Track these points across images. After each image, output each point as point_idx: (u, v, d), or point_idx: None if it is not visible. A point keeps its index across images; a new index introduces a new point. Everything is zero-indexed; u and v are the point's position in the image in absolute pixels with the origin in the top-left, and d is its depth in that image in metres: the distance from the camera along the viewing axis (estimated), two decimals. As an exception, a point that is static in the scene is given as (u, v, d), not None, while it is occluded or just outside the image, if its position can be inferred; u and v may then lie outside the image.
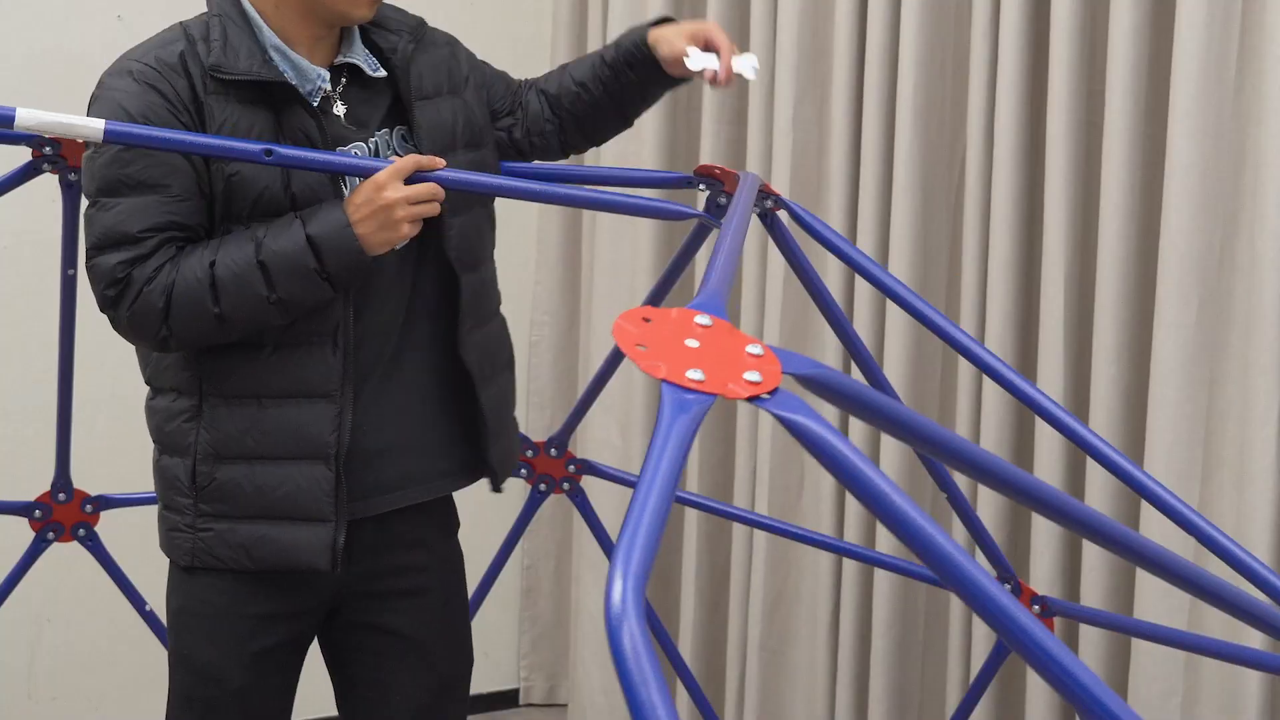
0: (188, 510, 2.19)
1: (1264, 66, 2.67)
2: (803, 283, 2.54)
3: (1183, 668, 2.85)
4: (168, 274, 2.07)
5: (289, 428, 2.16)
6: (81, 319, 2.81)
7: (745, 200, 2.00)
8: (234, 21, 2.13)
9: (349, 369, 2.17)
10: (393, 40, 2.25)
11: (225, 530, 2.18)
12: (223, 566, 2.20)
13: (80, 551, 2.95)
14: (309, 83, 2.16)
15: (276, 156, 2.06)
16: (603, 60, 2.36)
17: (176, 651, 2.29)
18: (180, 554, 2.22)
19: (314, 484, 2.16)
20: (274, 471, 2.16)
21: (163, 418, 2.22)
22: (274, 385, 2.16)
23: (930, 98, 3.22)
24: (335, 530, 2.18)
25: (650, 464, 1.14)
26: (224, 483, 2.17)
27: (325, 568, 2.19)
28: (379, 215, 2.08)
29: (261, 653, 2.25)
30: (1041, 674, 1.10)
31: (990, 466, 1.36)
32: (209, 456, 2.17)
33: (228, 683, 2.24)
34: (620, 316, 1.28)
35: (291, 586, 2.24)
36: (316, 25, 2.17)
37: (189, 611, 2.25)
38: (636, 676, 0.99)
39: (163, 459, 2.23)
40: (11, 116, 2.07)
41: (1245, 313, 2.73)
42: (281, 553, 2.18)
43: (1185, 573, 1.69)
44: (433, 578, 2.36)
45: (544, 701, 4.33)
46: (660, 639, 3.22)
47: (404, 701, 2.34)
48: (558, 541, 4.25)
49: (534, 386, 4.17)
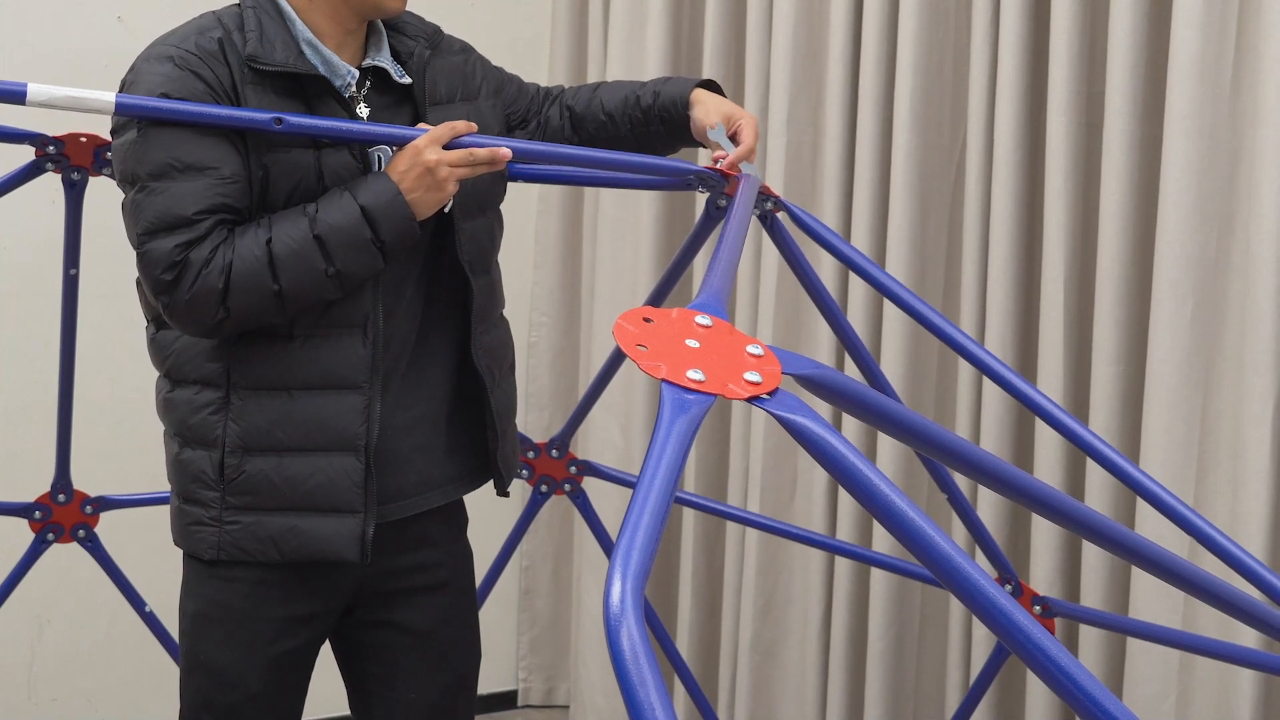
0: (213, 504, 2.17)
1: (1260, 68, 2.67)
2: (803, 284, 2.54)
3: (1177, 669, 2.85)
4: (224, 254, 2.06)
5: (319, 419, 2.16)
6: (82, 320, 2.81)
7: (746, 202, 2.01)
8: (269, 13, 2.14)
9: (378, 360, 2.18)
10: (410, 46, 2.26)
11: (253, 523, 2.16)
12: (249, 559, 2.17)
13: (80, 552, 2.96)
14: (339, 78, 2.17)
15: (287, 125, 2.07)
16: (638, 101, 2.38)
17: (193, 655, 2.24)
18: (204, 548, 2.19)
19: (344, 475, 2.17)
20: (304, 463, 2.16)
21: (185, 410, 2.19)
22: (304, 376, 2.16)
23: (929, 97, 3.23)
24: (364, 521, 2.18)
25: (650, 465, 1.14)
26: (253, 475, 2.16)
27: (354, 559, 2.18)
28: (425, 178, 2.10)
29: (281, 655, 2.24)
30: (1041, 675, 1.10)
31: (988, 466, 1.37)
32: (237, 449, 2.16)
33: (247, 687, 2.23)
34: (621, 316, 1.28)
35: (313, 586, 2.24)
36: (349, 19, 2.18)
37: (207, 615, 2.22)
38: (635, 678, 0.99)
39: (184, 452, 2.19)
40: (23, 92, 2.08)
41: (1240, 313, 2.74)
42: (311, 544, 2.17)
43: (1181, 571, 1.70)
44: (447, 574, 2.37)
45: (542, 703, 4.32)
46: (660, 639, 3.22)
47: (419, 698, 2.34)
48: (557, 543, 4.25)
49: (532, 388, 4.17)
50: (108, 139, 2.60)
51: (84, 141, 2.58)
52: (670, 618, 3.92)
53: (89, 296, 3.42)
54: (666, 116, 2.36)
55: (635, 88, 2.41)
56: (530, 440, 3.10)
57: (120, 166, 2.11)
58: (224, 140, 2.08)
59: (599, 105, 2.41)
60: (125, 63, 2.16)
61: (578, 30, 4.08)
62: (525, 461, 3.09)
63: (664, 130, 2.37)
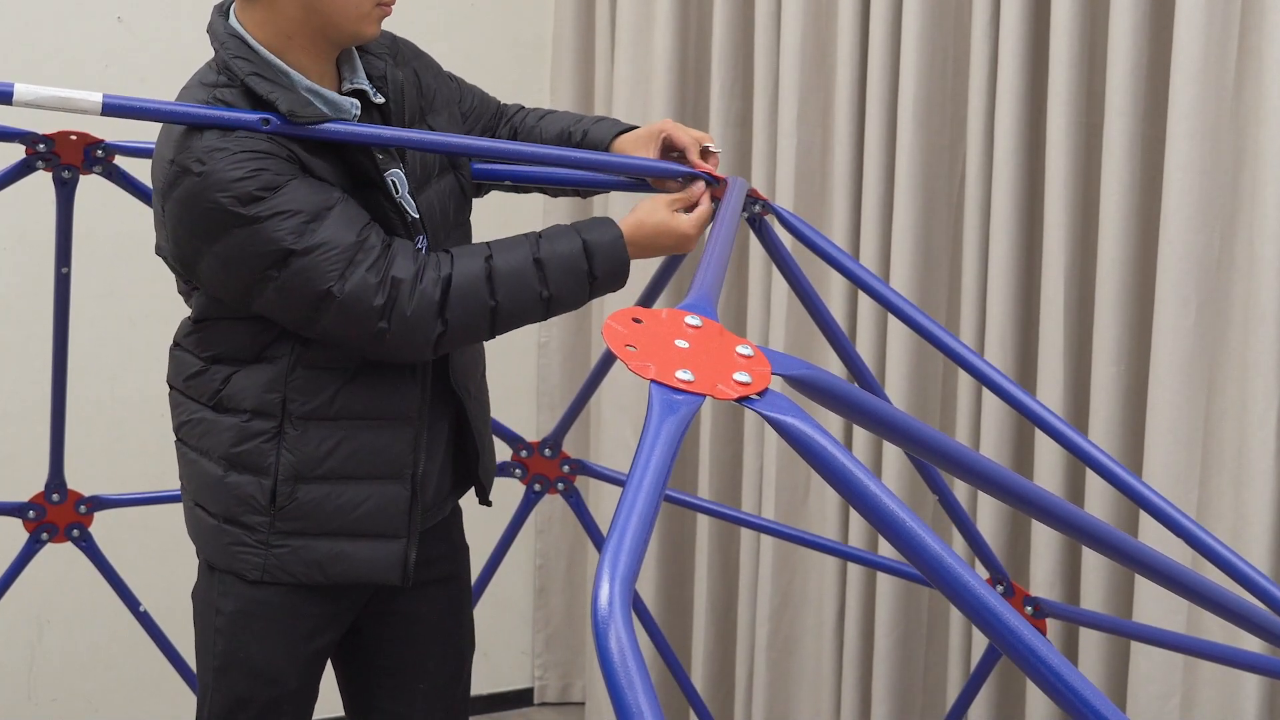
0: (261, 528, 2.21)
1: (1263, 68, 2.66)
2: (790, 286, 2.56)
3: (1181, 670, 2.84)
4: (435, 268, 2.10)
5: (371, 449, 2.21)
6: (80, 319, 2.81)
7: (734, 204, 2.02)
8: (265, 77, 2.11)
9: (426, 394, 2.25)
10: (380, 66, 2.26)
11: (300, 546, 2.21)
12: (294, 581, 2.23)
13: (80, 553, 2.96)
14: (345, 115, 2.18)
15: (273, 125, 2.06)
16: (569, 137, 2.42)
17: (230, 654, 2.27)
18: (249, 569, 2.22)
19: (392, 502, 2.23)
20: (355, 490, 2.22)
21: (234, 438, 2.20)
22: (359, 409, 2.20)
23: (931, 98, 3.22)
24: (407, 546, 2.26)
25: (638, 466, 1.14)
26: (304, 502, 2.20)
27: (397, 582, 2.26)
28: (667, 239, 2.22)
29: (317, 651, 2.30)
30: (1029, 674, 1.09)
31: (978, 467, 1.36)
32: (290, 477, 2.19)
33: (287, 683, 2.28)
34: (610, 317, 1.28)
35: (350, 586, 2.29)
36: (327, 51, 2.17)
37: (248, 614, 2.25)
38: (623, 679, 0.99)
39: (230, 476, 2.21)
40: (10, 92, 2.08)
41: (1244, 314, 2.73)
42: (356, 568, 2.24)
43: (1183, 579, 1.69)
44: (455, 566, 2.45)
45: (558, 700, 4.36)
46: (658, 644, 3.22)
47: (428, 687, 2.41)
48: (570, 540, 4.28)
49: (543, 388, 4.18)
50: (98, 138, 2.61)
51: (74, 140, 2.58)
52: (686, 616, 3.95)
53: (88, 295, 3.43)
54: None
55: (571, 122, 2.44)
56: (523, 439, 3.09)
57: (253, 265, 2.05)
58: (306, 178, 2.07)
59: (538, 135, 2.44)
60: (125, 63, 2.15)
61: (583, 33, 4.07)
62: (519, 461, 3.09)
63: None
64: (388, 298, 2.06)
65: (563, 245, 2.15)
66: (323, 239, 2.03)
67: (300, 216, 2.03)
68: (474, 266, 2.11)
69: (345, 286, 2.04)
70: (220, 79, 2.12)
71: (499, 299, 2.12)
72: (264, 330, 2.16)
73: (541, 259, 2.14)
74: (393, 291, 2.06)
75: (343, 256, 2.04)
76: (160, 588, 3.15)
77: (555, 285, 2.14)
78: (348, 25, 2.13)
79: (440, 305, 2.09)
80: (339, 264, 2.04)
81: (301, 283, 2.05)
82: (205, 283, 2.13)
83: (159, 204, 2.14)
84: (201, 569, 2.31)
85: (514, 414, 3.81)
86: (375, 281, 2.05)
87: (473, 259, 2.12)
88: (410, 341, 2.11)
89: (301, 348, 2.16)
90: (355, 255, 2.05)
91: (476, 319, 2.12)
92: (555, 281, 2.14)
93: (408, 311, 2.07)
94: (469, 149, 2.30)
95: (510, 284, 2.12)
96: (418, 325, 2.08)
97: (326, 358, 2.17)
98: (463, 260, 2.12)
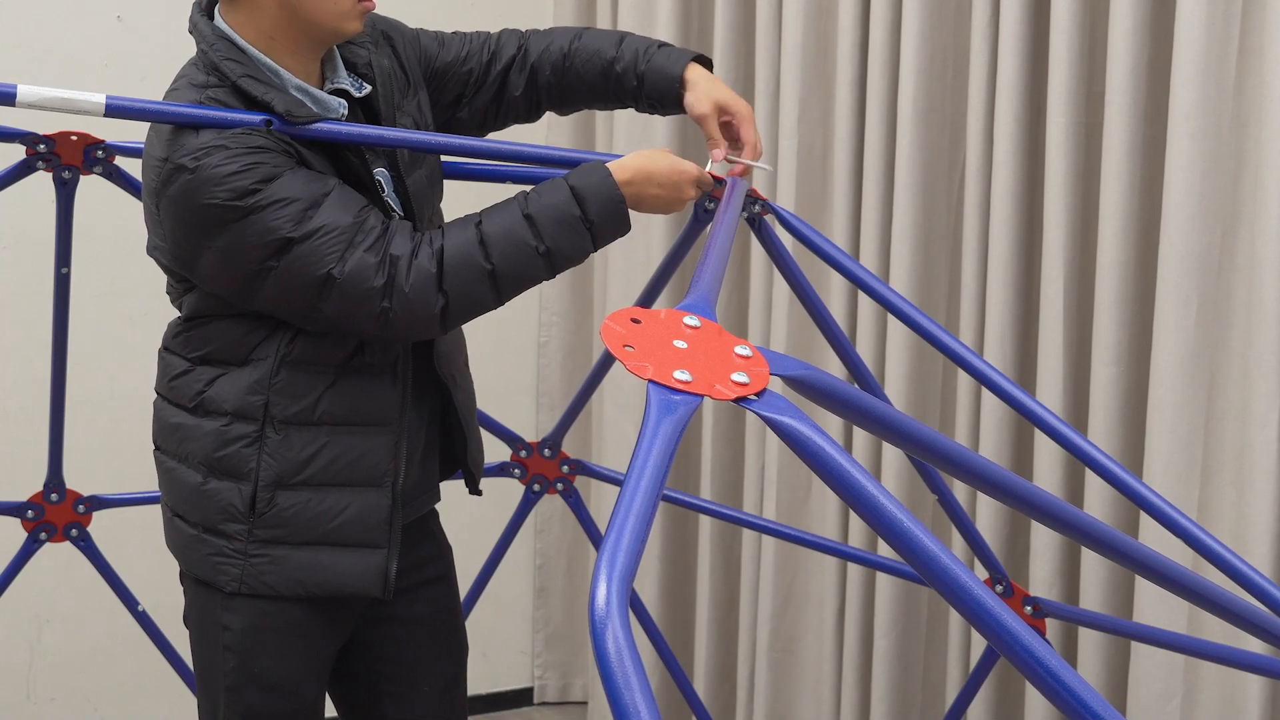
0: (239, 536, 2.17)
1: (1264, 68, 2.66)
2: (790, 286, 2.56)
3: (1182, 670, 2.83)
4: (428, 241, 2.08)
5: (351, 455, 2.18)
6: (80, 319, 2.80)
7: (733, 204, 2.02)
8: (257, 78, 2.10)
9: (407, 400, 2.22)
10: (364, 54, 2.25)
11: (280, 556, 2.17)
12: (272, 594, 2.18)
13: (79, 552, 2.95)
14: (332, 113, 2.17)
15: (277, 125, 2.07)
16: (620, 81, 2.32)
17: (243, 670, 2.21)
18: (226, 580, 2.18)
19: (372, 511, 2.20)
20: (336, 498, 2.18)
21: (214, 443, 2.17)
22: (341, 414, 2.17)
23: (931, 98, 3.22)
24: (388, 557, 2.22)
25: (635, 466, 1.14)
26: (284, 508, 2.16)
27: (378, 594, 2.23)
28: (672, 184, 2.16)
29: (328, 659, 2.28)
30: (1025, 673, 1.09)
31: (979, 468, 1.36)
32: (271, 483, 2.16)
33: (305, 695, 2.24)
34: (609, 317, 1.28)
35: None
36: (310, 49, 2.16)
37: (260, 628, 2.20)
38: (620, 679, 0.99)
39: (210, 483, 2.18)
40: (13, 94, 2.08)
41: (1245, 314, 2.72)
42: (335, 580, 2.19)
43: (1184, 580, 1.69)
44: (443, 566, 2.43)
45: (558, 700, 4.37)
46: (656, 643, 3.21)
47: (431, 689, 2.39)
48: (569, 541, 4.28)
49: (543, 387, 4.18)
50: (98, 138, 2.61)
51: (74, 140, 2.58)
52: (688, 616, 3.95)
53: (87, 295, 3.43)
54: (657, 100, 2.32)
55: (609, 58, 2.33)
56: (522, 439, 3.09)
57: (253, 256, 2.04)
58: (301, 167, 2.07)
59: (574, 75, 2.35)
60: (125, 63, 2.15)
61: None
62: (518, 460, 3.09)
63: (653, 109, 2.35)
64: (387, 276, 2.05)
65: (551, 196, 2.11)
66: (321, 223, 2.03)
67: (299, 204, 2.02)
68: (465, 234, 2.09)
69: (345, 268, 2.03)
70: (210, 79, 2.11)
71: (494, 261, 2.08)
72: (256, 328, 2.14)
73: (531, 214, 2.09)
74: (391, 270, 2.05)
75: (342, 238, 2.03)
76: (159, 587, 3.14)
77: (550, 238, 2.09)
78: (330, 24, 2.12)
79: (438, 278, 2.06)
80: (338, 246, 2.03)
81: (301, 268, 2.03)
82: (205, 279, 2.12)
83: (152, 203, 2.12)
84: (190, 589, 2.27)
85: (513, 414, 3.81)
86: (375, 261, 2.04)
87: (464, 228, 2.10)
88: (415, 318, 2.08)
89: (287, 348, 2.14)
90: (354, 237, 2.04)
91: (476, 286, 2.08)
92: (549, 234, 2.09)
93: (407, 288, 2.05)
94: (469, 149, 2.29)
95: (503, 244, 2.08)
96: (418, 300, 2.06)
97: (311, 358, 2.14)
98: (454, 231, 2.10)
